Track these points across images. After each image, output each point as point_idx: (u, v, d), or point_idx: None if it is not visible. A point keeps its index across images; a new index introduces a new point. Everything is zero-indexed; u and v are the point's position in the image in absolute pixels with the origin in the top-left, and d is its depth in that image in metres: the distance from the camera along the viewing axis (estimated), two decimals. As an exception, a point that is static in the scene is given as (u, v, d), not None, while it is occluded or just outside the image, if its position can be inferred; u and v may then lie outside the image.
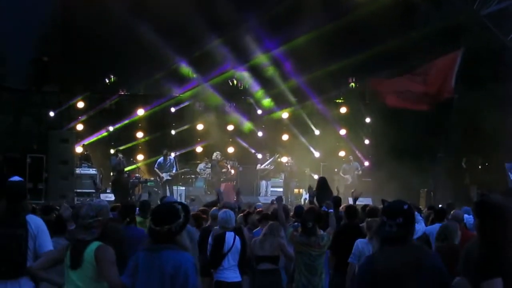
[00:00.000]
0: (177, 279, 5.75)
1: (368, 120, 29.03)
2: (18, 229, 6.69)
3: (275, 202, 13.94)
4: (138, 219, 11.65)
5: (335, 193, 15.60)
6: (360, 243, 9.91)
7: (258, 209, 13.62)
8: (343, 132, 28.62)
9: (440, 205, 16.33)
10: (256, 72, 27.69)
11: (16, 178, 7.04)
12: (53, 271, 6.72)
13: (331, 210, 11.83)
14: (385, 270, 5.12)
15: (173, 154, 26.42)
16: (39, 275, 6.70)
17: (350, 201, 16.75)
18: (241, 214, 12.77)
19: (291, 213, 13.24)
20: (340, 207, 13.31)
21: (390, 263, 5.12)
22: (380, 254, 5.28)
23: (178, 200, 20.92)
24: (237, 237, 10.04)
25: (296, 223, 11.93)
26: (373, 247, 9.18)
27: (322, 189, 16.02)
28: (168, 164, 25.58)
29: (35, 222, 6.84)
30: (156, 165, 25.68)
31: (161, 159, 25.60)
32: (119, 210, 10.79)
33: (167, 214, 5.89)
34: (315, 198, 14.78)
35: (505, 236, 5.10)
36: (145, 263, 5.87)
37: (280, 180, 27.29)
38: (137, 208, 12.05)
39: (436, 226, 10.58)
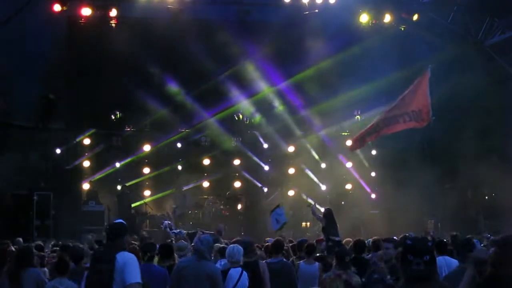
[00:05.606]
0: None
1: (374, 152, 28.88)
2: (106, 265, 7.46)
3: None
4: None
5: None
6: None
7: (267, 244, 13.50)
8: (349, 165, 28.53)
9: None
10: (262, 106, 27.72)
11: (118, 221, 8.17)
12: None
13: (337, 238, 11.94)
14: None
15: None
16: None
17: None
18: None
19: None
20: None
21: None
22: None
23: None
24: (244, 273, 9.46)
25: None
26: None
27: (328, 220, 16.06)
28: None
29: (123, 257, 7.51)
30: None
31: None
32: (140, 246, 10.56)
33: None
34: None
35: None
36: None
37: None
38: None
39: (440, 259, 10.01)
